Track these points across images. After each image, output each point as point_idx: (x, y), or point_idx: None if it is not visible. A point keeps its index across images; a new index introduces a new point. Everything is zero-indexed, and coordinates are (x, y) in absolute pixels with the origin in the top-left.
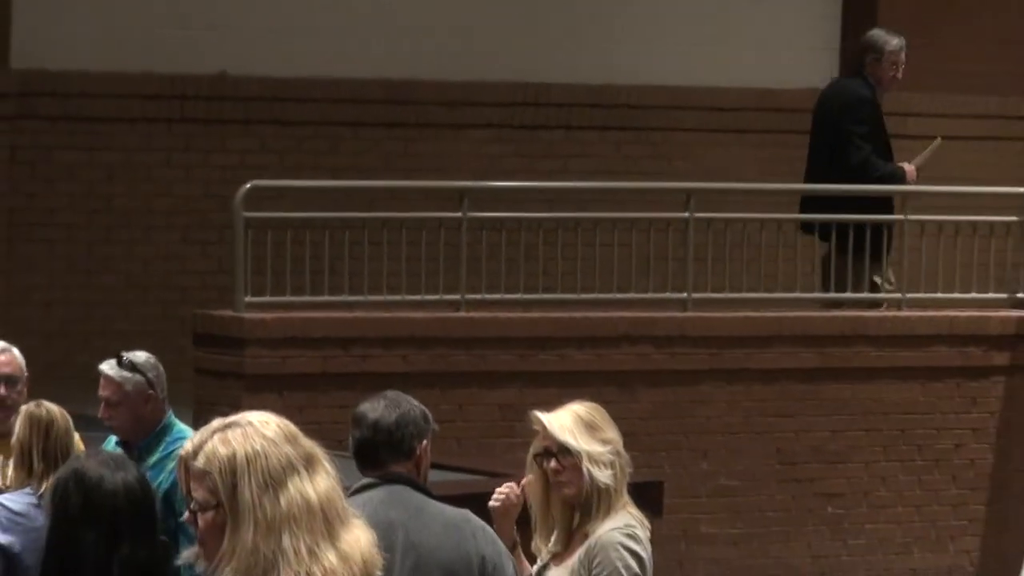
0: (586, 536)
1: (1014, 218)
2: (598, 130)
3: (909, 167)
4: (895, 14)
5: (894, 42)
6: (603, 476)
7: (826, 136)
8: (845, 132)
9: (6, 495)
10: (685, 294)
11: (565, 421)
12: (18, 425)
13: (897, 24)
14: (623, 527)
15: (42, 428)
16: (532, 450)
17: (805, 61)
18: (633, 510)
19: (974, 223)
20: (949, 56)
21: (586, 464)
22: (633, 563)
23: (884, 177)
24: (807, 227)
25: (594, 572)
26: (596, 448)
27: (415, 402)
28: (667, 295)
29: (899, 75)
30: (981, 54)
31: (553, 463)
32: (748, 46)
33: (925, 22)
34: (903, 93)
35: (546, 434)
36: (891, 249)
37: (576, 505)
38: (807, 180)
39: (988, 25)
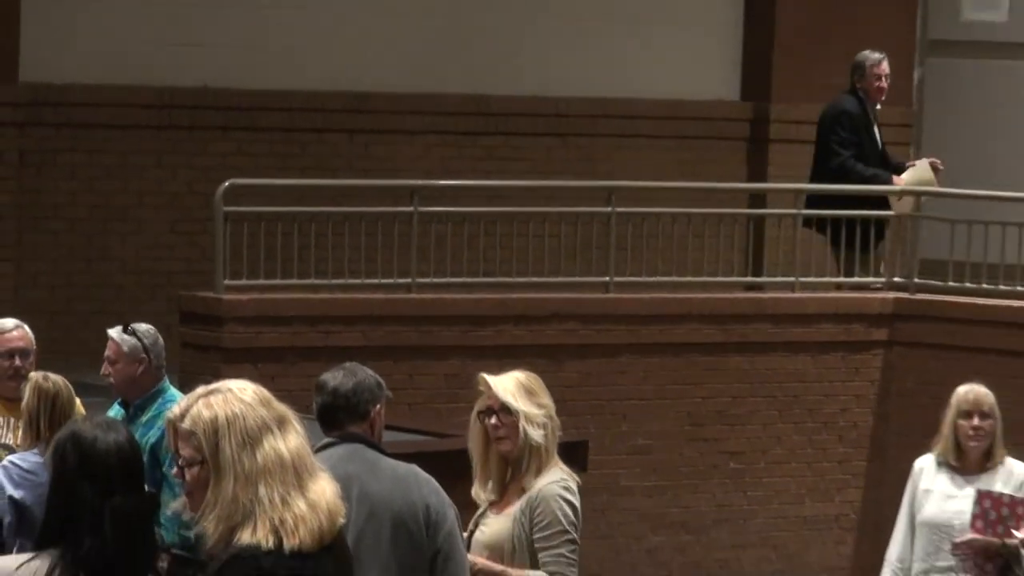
0: (522, 489)
1: (891, 213)
2: (531, 136)
3: (899, 179)
4: (790, 35)
5: (873, 57)
6: (536, 435)
7: (818, 144)
8: (828, 140)
9: (17, 455)
10: (607, 278)
11: (508, 384)
12: (27, 395)
13: (790, 42)
14: (559, 481)
15: (49, 399)
16: (476, 408)
17: (711, 75)
18: (563, 466)
19: (857, 217)
20: (838, 71)
21: (523, 423)
22: (569, 512)
23: (866, 179)
24: (809, 223)
25: (536, 519)
26: (532, 410)
27: (370, 372)
28: (591, 279)
29: (883, 84)
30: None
31: (494, 420)
32: (662, 62)
33: (817, 42)
34: (801, 104)
35: (491, 394)
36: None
37: (510, 460)
38: (811, 182)
39: (871, 43)
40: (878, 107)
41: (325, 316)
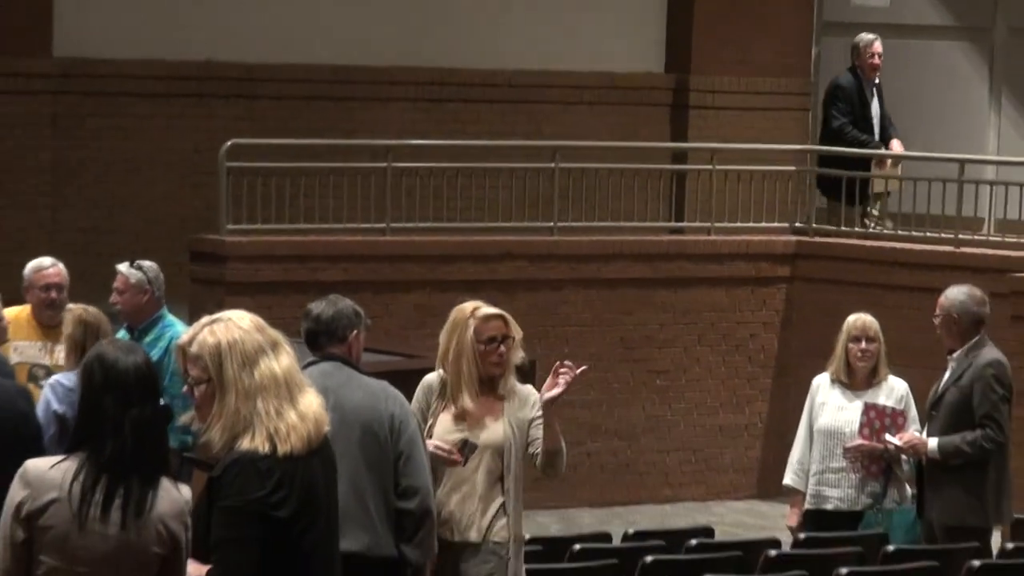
0: (500, 397)
1: (792, 168)
2: (488, 103)
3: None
4: (707, 17)
5: (866, 38)
6: (518, 357)
7: (824, 113)
8: (828, 110)
9: (62, 375)
10: (552, 223)
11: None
12: (71, 325)
13: (707, 22)
14: (529, 386)
15: (93, 330)
16: (484, 335)
17: (640, 52)
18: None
19: (764, 172)
20: (746, 48)
21: (518, 349)
22: None
23: (859, 143)
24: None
25: (535, 414)
26: (520, 337)
27: (350, 303)
28: (539, 224)
29: (875, 62)
30: (768, 45)
31: (502, 348)
32: (598, 40)
33: (730, 23)
34: (716, 76)
35: (500, 325)
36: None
37: (493, 376)
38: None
39: (776, 25)
40: (876, 81)
41: (313, 255)
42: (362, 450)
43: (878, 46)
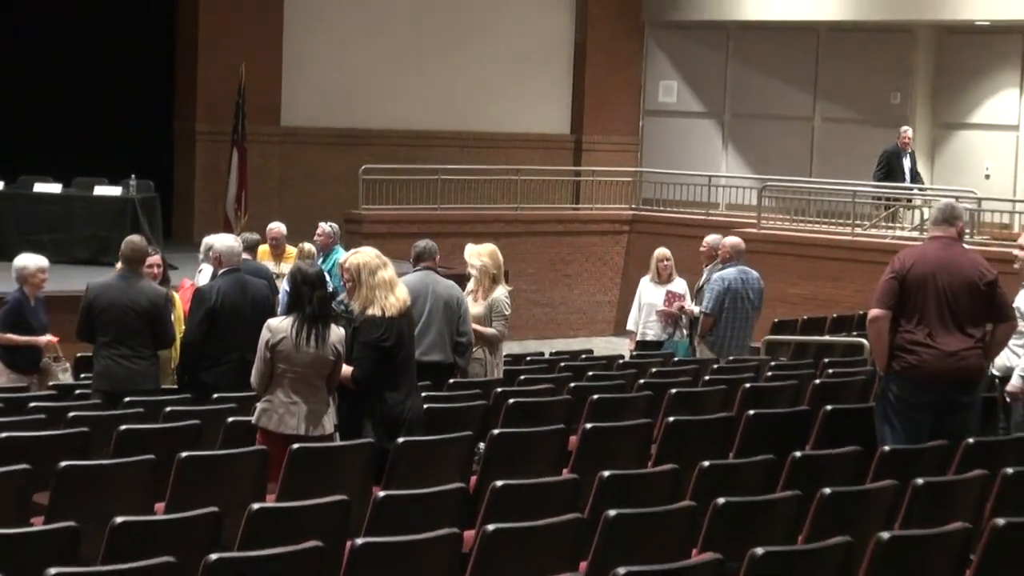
0: (486, 296)
1: (630, 179)
2: (482, 148)
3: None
4: (592, 101)
5: (904, 129)
6: (476, 273)
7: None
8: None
9: (284, 282)
10: (516, 205)
11: (468, 252)
12: (297, 253)
13: (593, 104)
14: (504, 294)
15: (308, 257)
16: None
17: (557, 121)
18: (505, 284)
19: (617, 181)
20: (609, 121)
21: (471, 270)
22: (508, 307)
23: (875, 177)
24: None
25: (495, 309)
26: (474, 262)
27: (432, 243)
28: (510, 205)
29: (906, 140)
30: (619, 119)
31: (469, 267)
32: (536, 116)
33: (601, 109)
34: (598, 135)
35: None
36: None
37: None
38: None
39: (622, 109)
40: (909, 151)
41: (405, 220)
42: (443, 313)
43: (909, 133)
